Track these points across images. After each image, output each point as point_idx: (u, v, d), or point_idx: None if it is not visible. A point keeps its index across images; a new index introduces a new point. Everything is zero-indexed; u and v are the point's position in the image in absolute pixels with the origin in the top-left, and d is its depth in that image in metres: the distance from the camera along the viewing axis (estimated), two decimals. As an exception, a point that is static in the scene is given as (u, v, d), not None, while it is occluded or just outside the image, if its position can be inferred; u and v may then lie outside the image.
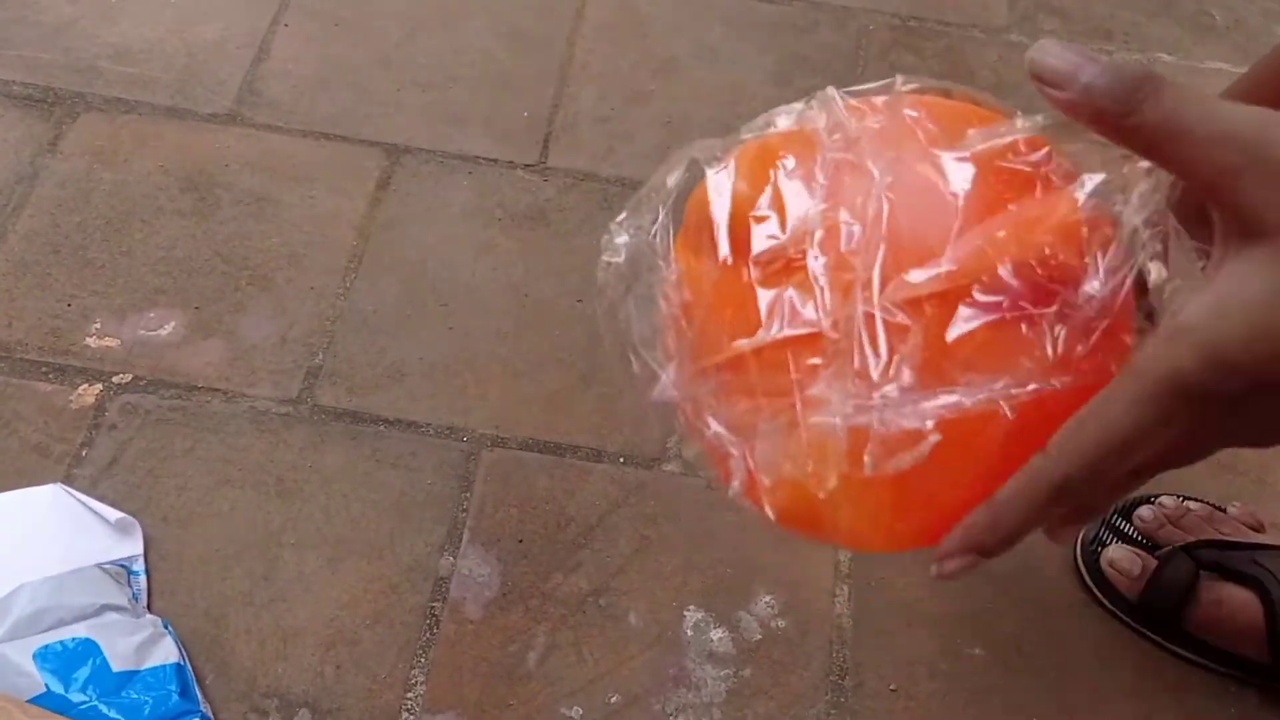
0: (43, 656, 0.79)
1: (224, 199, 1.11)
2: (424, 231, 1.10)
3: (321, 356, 1.01)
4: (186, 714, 0.79)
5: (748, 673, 0.87)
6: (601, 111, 1.21)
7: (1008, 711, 0.87)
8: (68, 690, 0.78)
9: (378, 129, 1.17)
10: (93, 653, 0.79)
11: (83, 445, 0.94)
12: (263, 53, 1.23)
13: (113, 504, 0.90)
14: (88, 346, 1.00)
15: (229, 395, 0.98)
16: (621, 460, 0.96)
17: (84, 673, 0.79)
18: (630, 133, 1.19)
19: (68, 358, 0.99)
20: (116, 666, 0.79)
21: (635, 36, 1.28)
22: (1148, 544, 0.91)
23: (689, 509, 0.94)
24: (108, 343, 1.01)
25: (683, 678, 0.86)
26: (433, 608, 0.89)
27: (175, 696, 0.79)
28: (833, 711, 0.86)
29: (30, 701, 0.77)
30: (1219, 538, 0.89)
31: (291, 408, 0.98)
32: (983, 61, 1.29)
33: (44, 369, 0.99)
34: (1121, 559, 0.89)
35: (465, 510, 0.93)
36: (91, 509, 0.89)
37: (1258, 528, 0.91)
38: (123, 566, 0.87)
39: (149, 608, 0.86)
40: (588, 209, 1.13)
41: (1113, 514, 0.93)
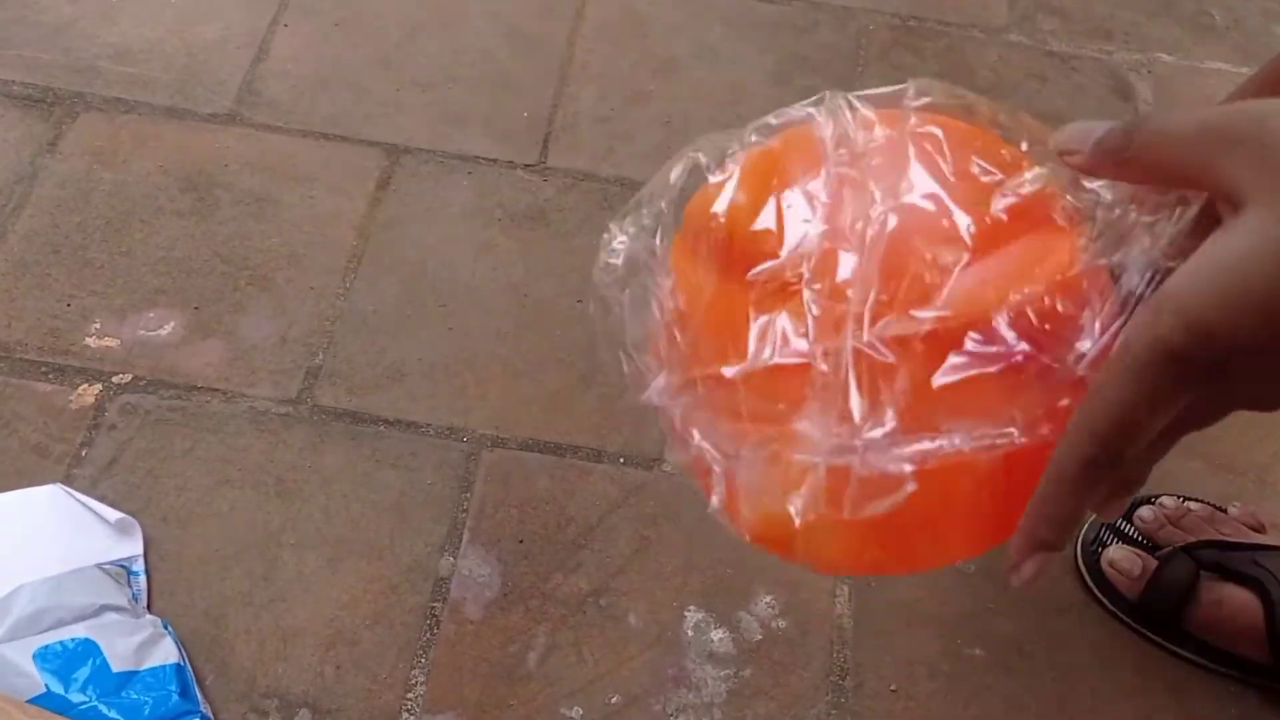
0: (42, 657, 0.79)
1: (223, 199, 1.11)
2: (424, 231, 1.10)
3: (321, 356, 1.01)
4: (186, 714, 0.79)
5: (748, 673, 0.87)
6: (601, 111, 1.21)
7: (1008, 712, 0.87)
8: (67, 690, 0.78)
9: (377, 129, 1.17)
10: (92, 653, 0.79)
11: (82, 445, 0.94)
12: (262, 53, 1.22)
13: (112, 504, 0.90)
14: (87, 346, 1.00)
15: (229, 395, 0.98)
16: (621, 460, 0.96)
17: (84, 673, 0.79)
18: (630, 133, 1.19)
19: (67, 358, 0.99)
20: (116, 667, 0.79)
21: (635, 36, 1.28)
22: (1148, 544, 0.91)
23: (689, 509, 0.94)
24: (107, 343, 1.01)
25: (683, 678, 0.86)
26: (433, 608, 0.89)
27: (175, 697, 0.79)
28: (833, 712, 0.86)
29: (30, 702, 0.77)
30: (1219, 538, 0.89)
31: (291, 408, 0.98)
32: (982, 61, 1.29)
33: (44, 369, 0.99)
34: (1122, 559, 0.89)
35: (465, 510, 0.93)
36: (91, 509, 0.89)
37: (1258, 528, 0.91)
38: (122, 567, 0.87)
39: (149, 608, 0.86)
40: (587, 209, 1.13)
41: (1113, 514, 0.93)
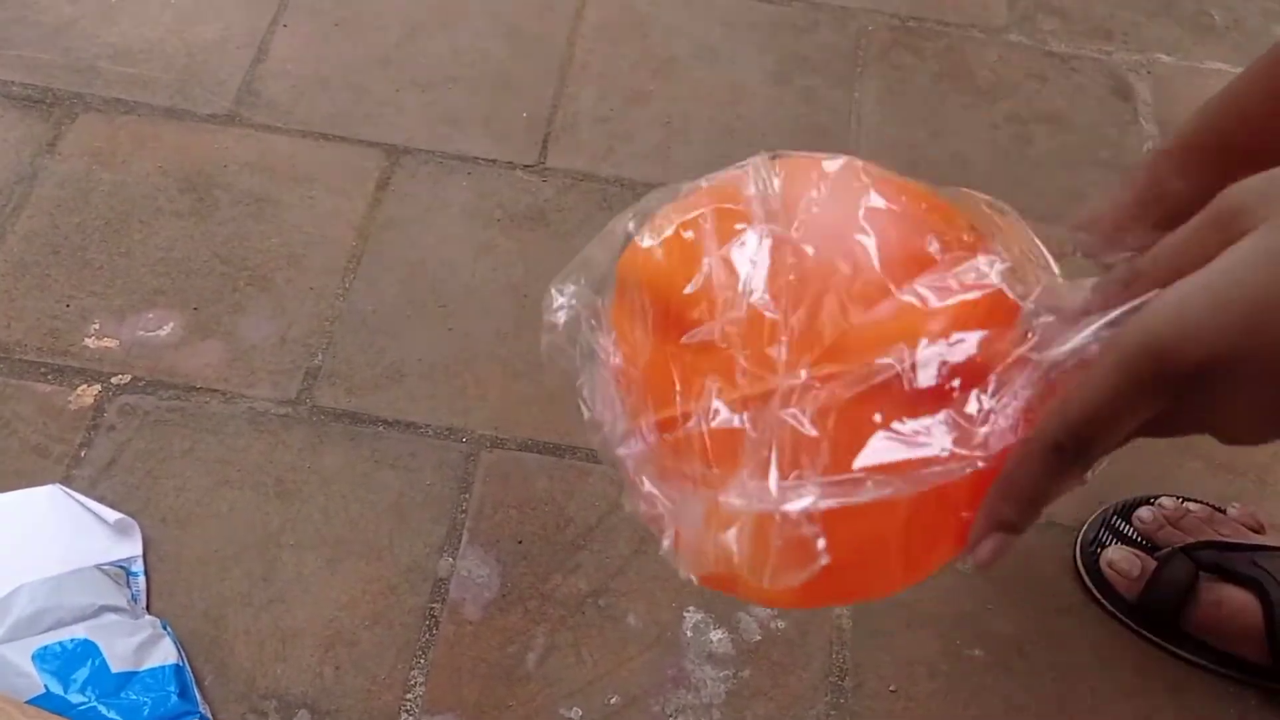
0: (42, 657, 0.79)
1: (223, 199, 1.11)
2: (423, 232, 1.10)
3: (320, 357, 1.01)
4: (185, 715, 0.79)
5: (747, 673, 0.87)
6: (601, 111, 1.21)
7: (1008, 712, 0.87)
8: (67, 691, 0.78)
9: (377, 129, 1.17)
10: (92, 654, 0.79)
11: (81, 446, 0.94)
12: (262, 53, 1.22)
13: (111, 505, 0.90)
14: (86, 347, 1.00)
15: (228, 396, 0.98)
16: (621, 461, 0.96)
17: (83, 674, 0.79)
18: (630, 133, 1.19)
19: (66, 358, 0.99)
20: (115, 667, 0.79)
21: (635, 36, 1.28)
22: (1147, 545, 0.91)
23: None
24: (106, 343, 1.01)
25: (682, 679, 0.86)
26: (432, 609, 0.89)
27: (174, 697, 0.79)
28: (832, 712, 0.86)
29: (29, 702, 0.77)
30: (1218, 539, 0.89)
31: (290, 408, 0.98)
32: (982, 61, 1.29)
33: (43, 369, 0.99)
34: (1121, 560, 0.89)
35: (464, 511, 0.93)
36: (90, 510, 0.89)
37: (1257, 529, 0.91)
38: (121, 567, 0.87)
39: (148, 609, 0.86)
40: (587, 209, 1.13)
41: (1112, 515, 0.93)
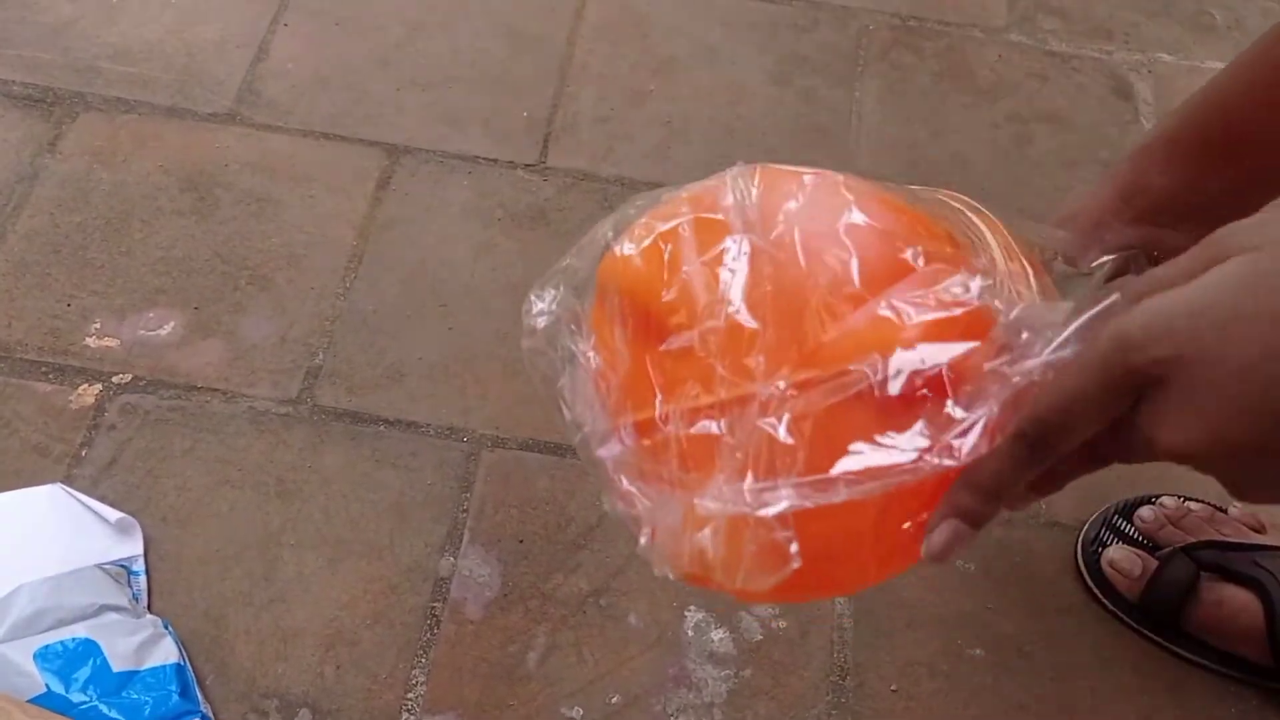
0: (43, 657, 0.79)
1: (223, 199, 1.11)
2: (424, 231, 1.10)
3: (321, 356, 1.01)
4: (186, 714, 0.79)
5: (748, 673, 0.87)
6: (601, 111, 1.21)
7: (1008, 712, 0.87)
8: (68, 690, 0.78)
9: (377, 129, 1.17)
10: (93, 653, 0.79)
11: (82, 445, 0.94)
12: (262, 53, 1.22)
13: (112, 504, 0.90)
14: (87, 346, 1.00)
15: (228, 395, 0.98)
16: (622, 460, 0.96)
17: (84, 673, 0.79)
18: (630, 133, 1.19)
19: (67, 358, 0.99)
20: (117, 667, 0.79)
21: (635, 36, 1.28)
22: (1148, 544, 0.91)
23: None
24: (107, 343, 1.01)
25: (683, 678, 0.86)
26: (433, 608, 0.89)
27: (175, 697, 0.79)
28: (833, 712, 0.86)
29: (30, 702, 0.77)
30: (1220, 538, 0.89)
31: (291, 408, 0.98)
32: (982, 61, 1.29)
33: (43, 369, 0.99)
34: (1122, 559, 0.89)
35: (465, 511, 0.93)
36: (91, 509, 0.89)
37: (1259, 529, 0.91)
38: (122, 567, 0.87)
39: (149, 608, 0.86)
40: (588, 209, 1.13)
41: (1113, 514, 0.93)
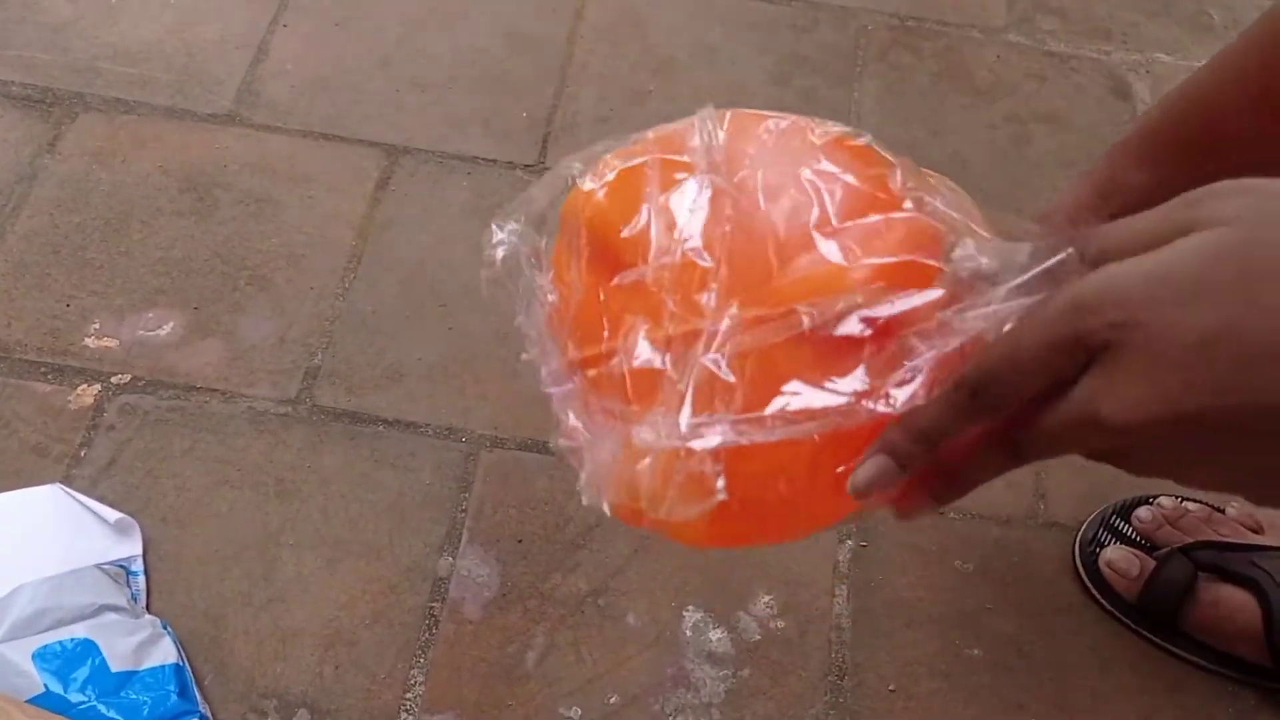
0: (42, 657, 0.79)
1: (223, 199, 1.11)
2: (423, 232, 1.10)
3: (320, 357, 1.01)
4: (185, 714, 0.79)
5: (746, 673, 0.87)
6: (601, 111, 1.21)
7: (1007, 711, 0.87)
8: (67, 690, 0.78)
9: (377, 129, 1.17)
10: (92, 653, 0.79)
11: (81, 446, 0.95)
12: (262, 53, 1.23)
13: (111, 504, 0.90)
14: (86, 347, 1.00)
15: (228, 395, 0.98)
16: (620, 460, 0.96)
17: (83, 673, 0.79)
18: (630, 133, 1.19)
19: (66, 358, 0.99)
20: (115, 667, 0.79)
21: (635, 36, 1.28)
22: (1146, 545, 0.91)
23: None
24: (106, 343, 1.01)
25: (681, 678, 0.87)
26: (432, 608, 0.89)
27: (174, 697, 0.79)
28: (832, 712, 0.86)
29: (29, 702, 0.77)
30: (1217, 539, 0.89)
31: (290, 408, 0.98)
32: (981, 61, 1.29)
33: (43, 369, 0.99)
34: (1119, 560, 0.89)
35: (464, 511, 0.93)
36: (90, 509, 0.89)
37: (1256, 529, 0.91)
38: (121, 567, 0.87)
39: (148, 608, 0.86)
40: (587, 209, 1.13)
41: (1111, 514, 0.93)
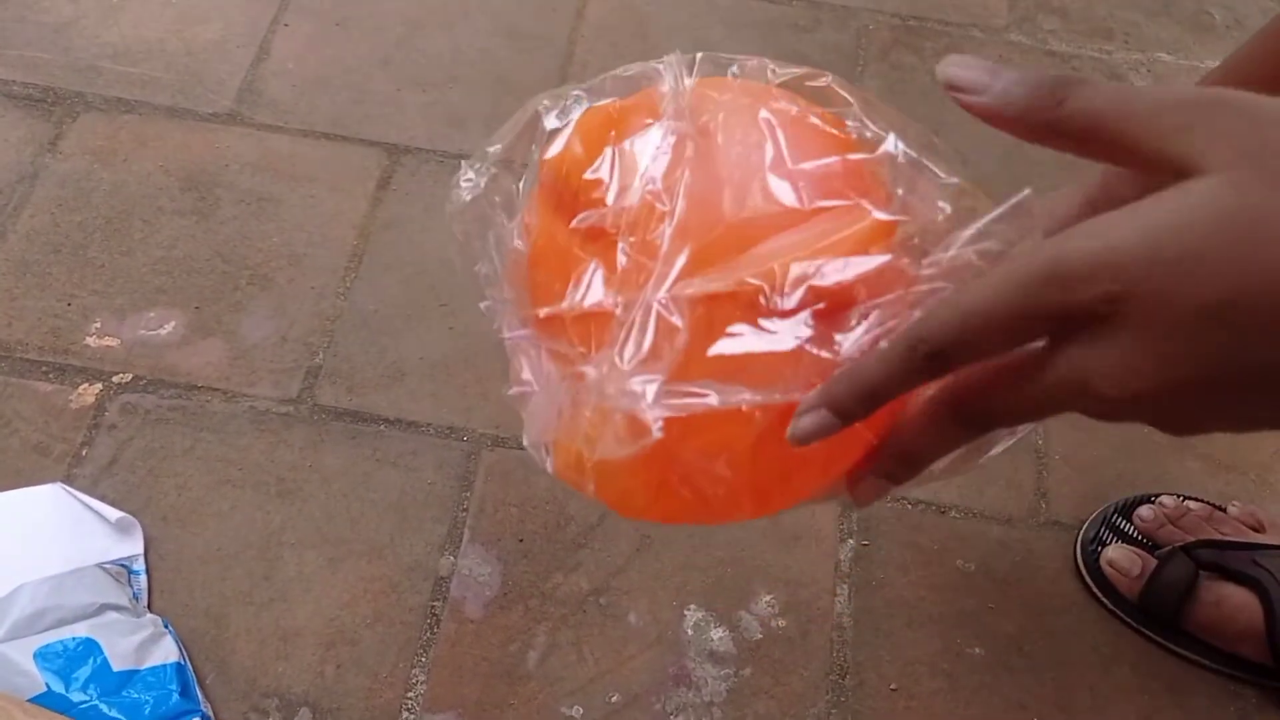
0: (43, 656, 0.79)
1: (224, 199, 1.11)
2: (424, 231, 1.10)
3: (322, 356, 1.01)
4: (187, 713, 0.79)
5: (748, 672, 0.87)
6: (601, 111, 1.21)
7: (1008, 711, 0.87)
8: (68, 689, 0.78)
9: (378, 129, 1.17)
10: (93, 652, 0.79)
11: (83, 445, 0.95)
12: (263, 53, 1.23)
13: (113, 503, 0.90)
14: (88, 346, 1.00)
15: (229, 395, 0.98)
16: (622, 460, 0.96)
17: (84, 672, 0.79)
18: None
19: (68, 357, 0.99)
20: (117, 666, 0.79)
21: (635, 36, 1.28)
22: (1147, 544, 0.91)
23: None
24: (108, 342, 1.01)
25: (683, 677, 0.87)
26: (433, 607, 0.89)
27: (176, 696, 0.79)
28: (833, 711, 0.86)
29: (31, 701, 0.77)
30: (1219, 538, 0.89)
31: (292, 407, 0.98)
32: (983, 61, 1.29)
33: (44, 368, 0.99)
34: (1121, 559, 0.89)
35: (465, 510, 0.93)
36: (92, 508, 0.89)
37: (1258, 528, 0.91)
38: (123, 566, 0.87)
39: (149, 607, 0.86)
40: (588, 209, 1.13)
41: (1113, 513, 0.93)
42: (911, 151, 0.44)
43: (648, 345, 0.41)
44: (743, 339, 0.41)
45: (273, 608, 0.88)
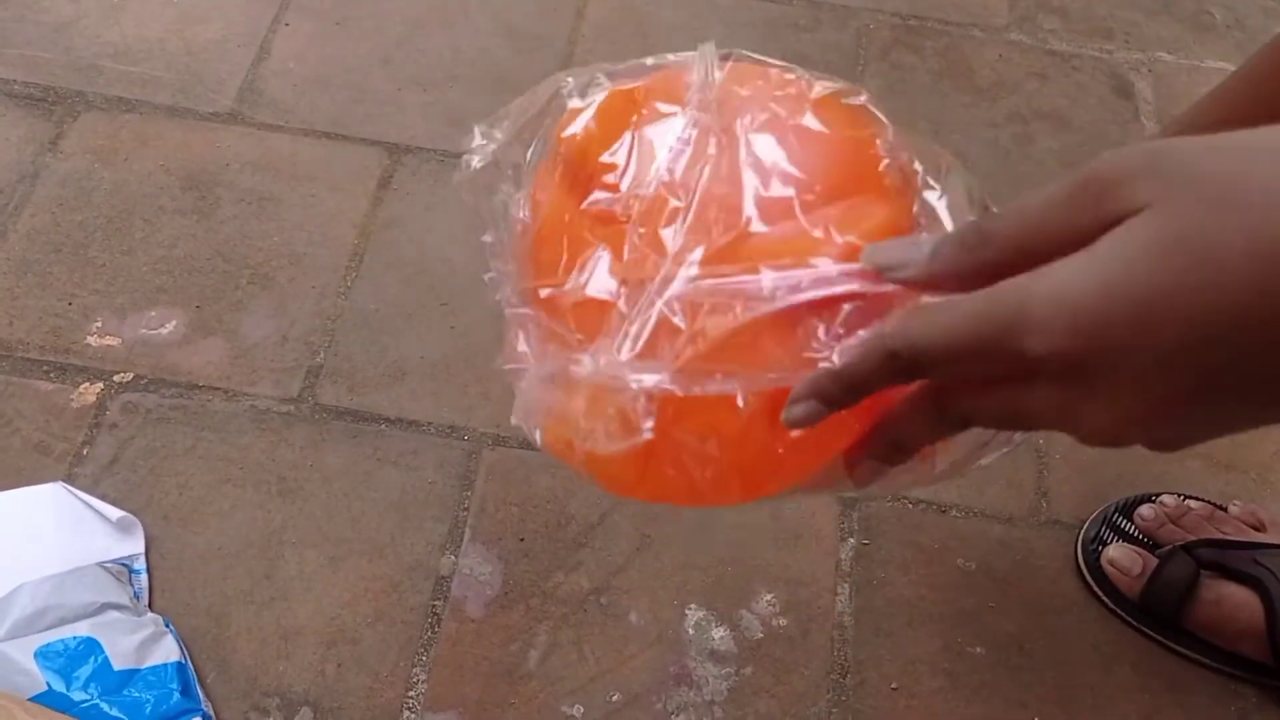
0: (44, 655, 0.79)
1: (225, 198, 1.11)
2: (425, 230, 1.10)
3: (322, 355, 1.01)
4: (188, 713, 0.79)
5: (749, 671, 0.87)
6: (602, 111, 1.21)
7: (1009, 710, 0.87)
8: (69, 689, 0.78)
9: (378, 128, 1.17)
10: (94, 651, 0.79)
11: (84, 444, 0.95)
12: (263, 52, 1.23)
13: (114, 503, 0.90)
14: (89, 345, 1.00)
15: (230, 394, 0.98)
16: (622, 459, 0.96)
17: (85, 671, 0.79)
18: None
19: (69, 356, 0.99)
20: (118, 665, 0.79)
21: (635, 36, 1.28)
22: (1148, 543, 0.91)
23: (690, 508, 0.94)
24: (109, 341, 1.01)
25: (684, 676, 0.87)
26: (434, 606, 0.89)
27: (176, 695, 0.79)
28: (834, 710, 0.86)
29: (32, 700, 0.77)
30: (1220, 537, 0.89)
31: (292, 406, 0.98)
32: (983, 60, 1.29)
33: (45, 368, 0.99)
34: (1122, 558, 0.89)
35: (466, 509, 0.93)
36: (93, 508, 0.89)
37: (1259, 527, 0.91)
38: (124, 565, 0.87)
39: (150, 606, 0.86)
40: (588, 208, 1.13)
41: (1113, 512, 0.93)
42: (932, 183, 0.44)
43: (644, 341, 0.42)
44: (738, 330, 0.41)
45: (274, 607, 0.88)
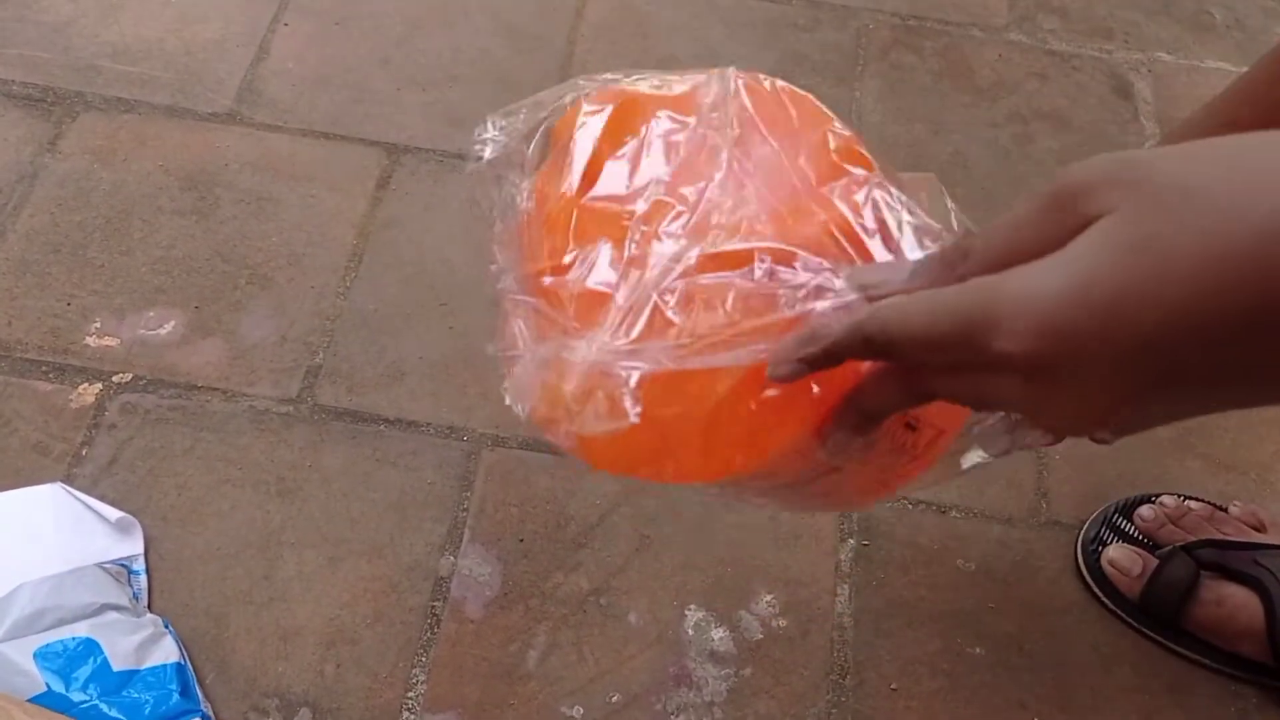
0: (43, 656, 0.79)
1: (224, 198, 1.11)
2: (424, 231, 1.10)
3: (321, 356, 1.01)
4: (187, 713, 0.79)
5: (748, 672, 0.87)
6: (601, 111, 1.21)
7: (1008, 710, 0.87)
8: (68, 689, 0.78)
9: (377, 128, 1.17)
10: (93, 652, 0.79)
11: (83, 444, 0.94)
12: (262, 52, 1.22)
13: (113, 503, 0.90)
14: (87, 346, 1.00)
15: (229, 394, 0.98)
16: (622, 459, 0.96)
17: (85, 672, 0.79)
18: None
19: (67, 357, 0.99)
20: (117, 666, 0.79)
21: (635, 36, 1.28)
22: (1148, 543, 0.91)
23: (689, 508, 0.94)
24: (107, 342, 1.01)
25: (683, 677, 0.86)
26: (433, 607, 0.89)
27: (176, 696, 0.79)
28: (834, 710, 0.86)
29: (31, 701, 0.77)
30: (1220, 537, 0.89)
31: (291, 407, 0.98)
32: (983, 60, 1.29)
33: (44, 368, 0.99)
34: (1122, 558, 0.89)
35: (466, 510, 0.93)
36: (91, 508, 0.89)
37: (1259, 527, 0.91)
38: (123, 566, 0.87)
39: (149, 607, 0.86)
40: (588, 208, 1.13)
41: (1113, 513, 0.93)
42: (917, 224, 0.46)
43: (639, 331, 0.44)
44: (729, 324, 0.43)
45: (273, 607, 0.88)
